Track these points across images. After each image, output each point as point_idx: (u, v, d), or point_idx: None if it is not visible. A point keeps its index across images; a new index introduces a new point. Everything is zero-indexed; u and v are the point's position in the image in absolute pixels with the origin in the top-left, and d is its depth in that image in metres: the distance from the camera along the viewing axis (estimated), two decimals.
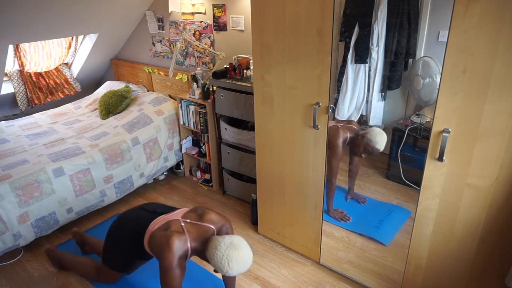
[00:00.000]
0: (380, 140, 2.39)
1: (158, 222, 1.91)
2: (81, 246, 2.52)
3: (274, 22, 1.96)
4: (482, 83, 1.42)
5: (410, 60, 2.65)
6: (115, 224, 2.08)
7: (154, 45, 3.85)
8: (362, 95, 2.79)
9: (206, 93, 2.99)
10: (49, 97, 4.02)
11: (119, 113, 3.53)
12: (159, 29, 3.70)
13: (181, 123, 3.32)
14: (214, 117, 3.01)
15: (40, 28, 3.16)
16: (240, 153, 2.87)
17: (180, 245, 1.72)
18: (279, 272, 2.32)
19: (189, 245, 1.76)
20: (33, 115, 3.73)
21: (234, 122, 2.90)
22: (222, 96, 2.78)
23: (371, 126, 2.96)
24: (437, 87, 1.53)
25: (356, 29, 2.66)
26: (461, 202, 1.63)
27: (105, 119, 3.51)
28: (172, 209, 2.05)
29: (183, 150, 3.42)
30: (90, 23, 3.49)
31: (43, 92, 3.96)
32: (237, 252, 1.64)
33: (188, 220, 1.86)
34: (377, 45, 2.62)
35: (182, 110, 3.25)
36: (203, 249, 1.77)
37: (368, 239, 2.43)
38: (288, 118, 2.11)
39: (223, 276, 2.06)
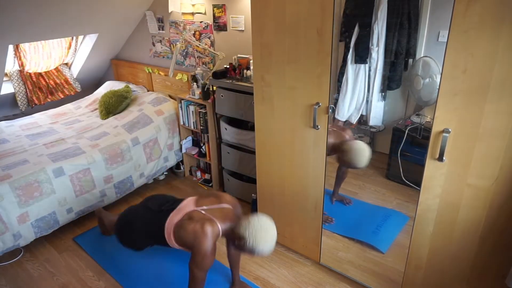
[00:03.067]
0: (360, 160, 2.36)
1: (174, 217, 1.94)
2: (101, 227, 2.64)
3: (274, 22, 1.96)
4: (482, 83, 1.42)
5: (410, 60, 2.65)
6: (123, 222, 2.15)
7: (154, 45, 3.85)
8: (362, 95, 2.79)
9: (206, 93, 2.99)
10: (49, 97, 4.02)
11: (119, 113, 3.53)
12: (159, 29, 3.70)
13: (181, 123, 3.32)
14: (214, 117, 3.01)
15: (40, 28, 3.16)
16: (240, 153, 2.87)
17: (213, 230, 1.80)
18: (279, 272, 2.32)
19: (219, 227, 1.82)
20: (33, 115, 3.73)
21: (234, 122, 2.90)
22: (222, 96, 2.78)
23: (371, 127, 2.96)
24: (437, 87, 1.53)
25: (356, 29, 2.66)
26: (461, 202, 1.63)
27: (105, 119, 3.51)
28: (176, 201, 2.09)
29: (183, 150, 3.42)
30: (90, 23, 3.49)
31: (43, 92, 3.96)
32: (265, 233, 1.70)
33: (205, 207, 1.91)
34: (377, 45, 2.62)
35: (182, 110, 3.25)
36: (231, 229, 1.83)
37: (366, 245, 2.42)
38: (288, 118, 2.11)
39: (229, 257, 2.13)
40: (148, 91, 4.01)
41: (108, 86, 4.04)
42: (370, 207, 2.70)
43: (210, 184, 3.32)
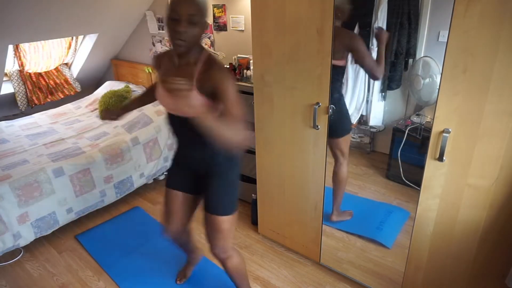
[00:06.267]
0: None
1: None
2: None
3: (274, 22, 1.96)
4: (482, 83, 1.42)
5: (410, 60, 2.65)
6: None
7: (154, 45, 3.85)
8: (362, 95, 2.79)
9: None
10: (49, 97, 4.02)
11: None
12: (159, 29, 3.70)
13: None
14: None
15: (40, 28, 3.16)
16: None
17: None
18: (279, 272, 2.32)
19: None
20: (33, 115, 3.74)
21: None
22: None
23: (371, 127, 2.96)
24: (437, 87, 1.53)
25: (356, 29, 2.66)
26: (461, 202, 1.63)
27: None
28: None
29: None
30: (90, 23, 3.49)
31: (43, 92, 3.96)
32: None
33: None
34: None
35: None
36: None
37: (369, 240, 2.43)
38: (288, 118, 2.11)
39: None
40: None
41: (108, 86, 4.04)
42: (371, 204, 2.70)
43: None
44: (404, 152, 2.70)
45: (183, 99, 1.29)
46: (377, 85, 2.74)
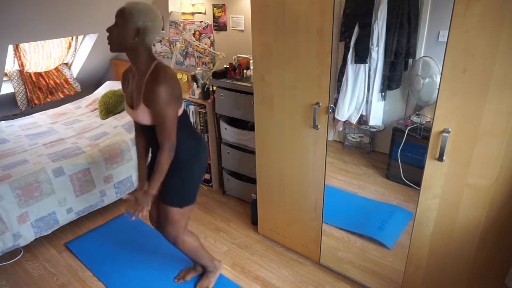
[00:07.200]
0: None
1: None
2: None
3: (274, 22, 1.96)
4: (482, 83, 1.42)
5: (410, 60, 2.65)
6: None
7: (154, 45, 3.85)
8: (362, 95, 2.79)
9: (206, 93, 2.99)
10: (49, 97, 4.02)
11: (119, 113, 3.53)
12: None
13: None
14: (214, 117, 3.01)
15: (40, 28, 3.16)
16: (240, 153, 2.87)
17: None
18: (279, 272, 2.32)
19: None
20: (33, 115, 3.73)
21: (234, 122, 2.90)
22: (222, 96, 2.78)
23: (371, 127, 2.96)
24: (437, 87, 1.53)
25: (356, 29, 2.66)
26: (461, 202, 1.63)
27: (105, 119, 3.51)
28: None
29: None
30: (90, 23, 3.48)
31: (43, 92, 3.96)
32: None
33: None
34: (377, 45, 2.62)
35: None
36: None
37: (369, 240, 2.43)
38: (288, 118, 2.11)
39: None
40: None
41: (108, 86, 4.04)
42: (375, 203, 2.71)
43: (210, 184, 3.32)
44: (404, 152, 2.70)
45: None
46: (377, 85, 2.75)
